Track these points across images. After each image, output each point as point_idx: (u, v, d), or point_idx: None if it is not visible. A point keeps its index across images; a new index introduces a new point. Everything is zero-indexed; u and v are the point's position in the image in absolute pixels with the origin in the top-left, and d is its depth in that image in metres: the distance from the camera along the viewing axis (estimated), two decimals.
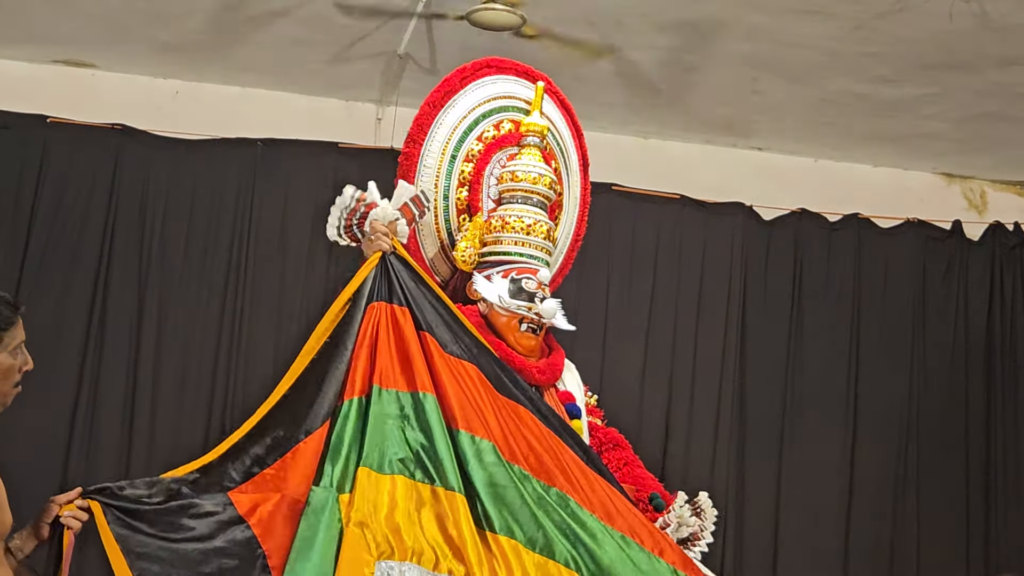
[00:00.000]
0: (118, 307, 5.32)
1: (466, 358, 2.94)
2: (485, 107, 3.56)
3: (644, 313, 5.83)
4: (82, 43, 5.30)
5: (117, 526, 2.54)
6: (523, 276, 3.29)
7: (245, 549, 2.62)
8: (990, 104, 5.38)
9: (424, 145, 3.48)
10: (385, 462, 2.77)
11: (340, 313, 2.93)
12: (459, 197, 3.50)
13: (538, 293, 3.28)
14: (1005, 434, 6.01)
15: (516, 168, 3.41)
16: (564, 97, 3.80)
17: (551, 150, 3.58)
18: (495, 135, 3.53)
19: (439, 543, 2.70)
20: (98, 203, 5.36)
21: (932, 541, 5.86)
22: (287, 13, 4.87)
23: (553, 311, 3.28)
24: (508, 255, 3.34)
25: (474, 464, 2.81)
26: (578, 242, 3.81)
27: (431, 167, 3.48)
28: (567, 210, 3.70)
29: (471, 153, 3.50)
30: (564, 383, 3.40)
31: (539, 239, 3.36)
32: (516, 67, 3.67)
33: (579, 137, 3.80)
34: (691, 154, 6.06)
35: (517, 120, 3.55)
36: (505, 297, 3.25)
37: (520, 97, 3.60)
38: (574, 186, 3.74)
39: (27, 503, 2.84)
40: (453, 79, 3.56)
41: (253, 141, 5.57)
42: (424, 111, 3.51)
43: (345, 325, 2.90)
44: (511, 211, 3.37)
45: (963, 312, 6.11)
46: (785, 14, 4.65)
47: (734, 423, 5.82)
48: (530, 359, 3.28)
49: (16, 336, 2.49)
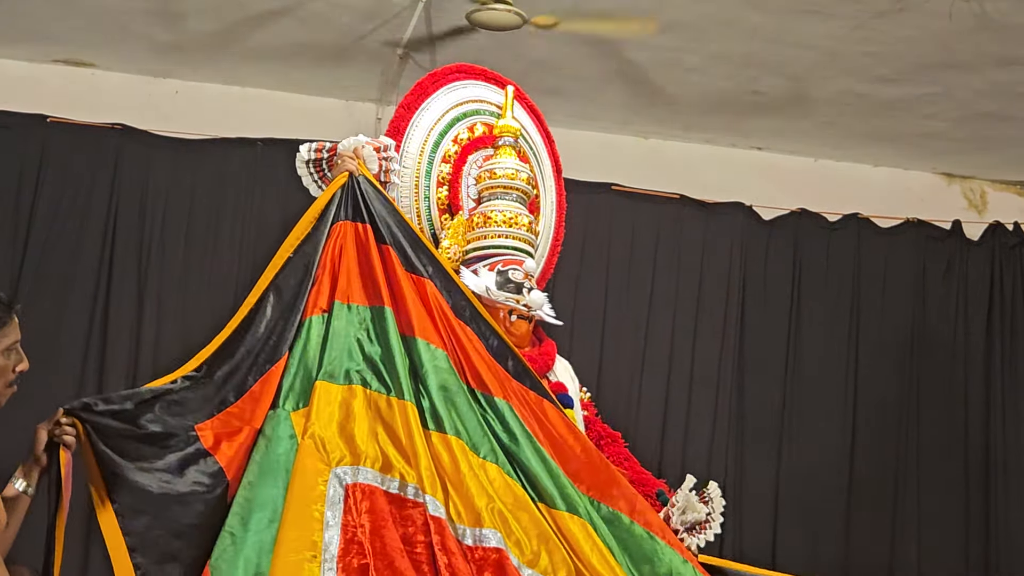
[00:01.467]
0: (118, 307, 5.31)
1: (424, 275, 3.05)
2: (457, 111, 3.66)
3: (643, 313, 5.83)
4: (82, 43, 5.29)
5: (99, 443, 2.61)
6: (509, 267, 3.34)
7: (214, 480, 2.70)
8: (990, 104, 5.38)
9: (402, 147, 3.55)
10: (341, 373, 2.88)
11: (305, 231, 3.02)
12: (439, 197, 3.56)
13: (525, 283, 3.32)
14: (1005, 434, 6.00)
15: (494, 166, 3.48)
16: (533, 103, 3.90)
17: (524, 153, 3.66)
18: (469, 137, 3.63)
19: (391, 450, 2.80)
20: (98, 203, 5.36)
21: (932, 540, 5.86)
22: (287, 13, 4.87)
23: (541, 301, 3.35)
24: (493, 248, 3.39)
25: (429, 368, 2.93)
26: (558, 245, 3.86)
27: (410, 167, 3.54)
28: (544, 214, 3.74)
29: (447, 154, 3.59)
30: (556, 375, 3.42)
31: (522, 231, 3.42)
32: (484, 73, 3.77)
33: (551, 143, 3.90)
34: (691, 154, 6.06)
35: (489, 123, 3.63)
36: (493, 289, 3.29)
37: (490, 101, 3.71)
38: (549, 191, 3.81)
39: None
40: (426, 82, 3.67)
41: (253, 141, 5.57)
42: (399, 114, 3.62)
43: (310, 244, 3.00)
44: (492, 206, 3.44)
45: (963, 312, 6.11)
46: (785, 14, 4.65)
47: (733, 422, 5.82)
48: (522, 349, 3.30)
49: (10, 336, 2.49)
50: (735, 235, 5.98)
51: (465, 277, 3.33)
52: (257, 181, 5.53)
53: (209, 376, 2.81)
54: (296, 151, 3.44)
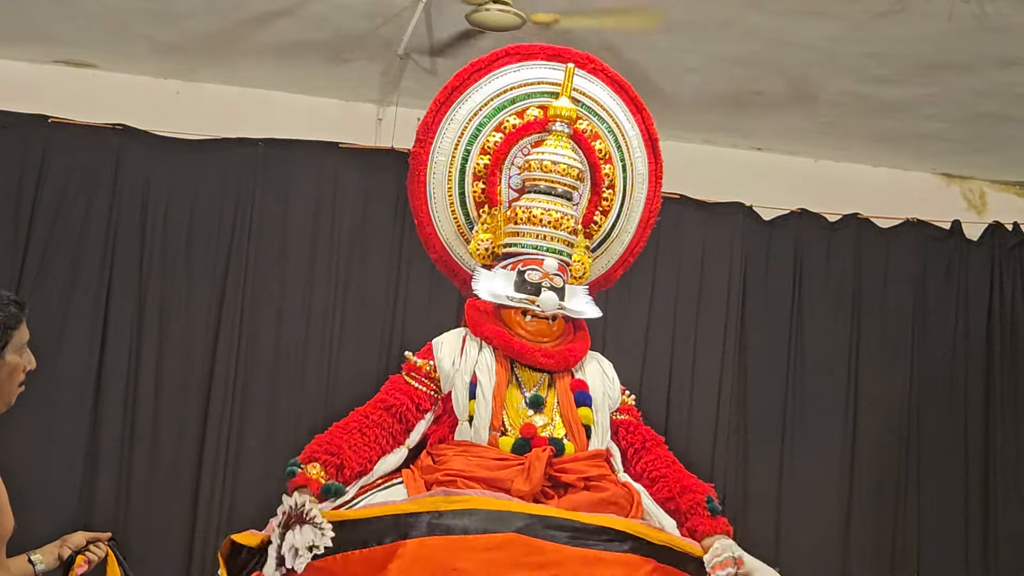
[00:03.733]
0: (119, 307, 5.32)
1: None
2: (505, 96, 3.42)
3: (644, 313, 5.83)
4: (83, 43, 5.30)
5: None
6: (528, 268, 3.23)
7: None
8: (990, 104, 5.38)
9: (434, 144, 3.38)
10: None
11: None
12: (475, 191, 3.41)
13: (544, 283, 3.24)
14: (1005, 433, 6.01)
15: (543, 157, 3.30)
16: (615, 74, 3.60)
17: (592, 132, 3.45)
18: (517, 123, 3.40)
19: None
20: (99, 203, 5.37)
21: (932, 540, 5.87)
22: (287, 13, 4.87)
23: (553, 303, 3.19)
24: (524, 247, 3.27)
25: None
26: (652, 218, 3.64)
27: (441, 163, 3.39)
28: (625, 189, 3.52)
29: (487, 145, 3.39)
30: (584, 373, 3.32)
31: (562, 232, 3.27)
32: (545, 50, 3.49)
33: (640, 112, 3.60)
34: (691, 154, 6.06)
35: (546, 105, 3.40)
36: (509, 292, 3.22)
37: (550, 81, 3.43)
38: (637, 162, 3.56)
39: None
40: (462, 75, 3.44)
41: (253, 141, 5.57)
42: (431, 109, 3.40)
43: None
44: (534, 202, 3.29)
45: (962, 312, 6.12)
46: (785, 14, 4.65)
47: (734, 423, 5.82)
48: (542, 343, 3.23)
49: (23, 335, 2.51)
50: (735, 235, 5.99)
51: (477, 283, 3.26)
52: (257, 181, 5.54)
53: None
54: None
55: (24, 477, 5.10)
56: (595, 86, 3.53)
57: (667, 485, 3.20)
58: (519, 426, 3.13)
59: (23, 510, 2.61)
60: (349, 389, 5.00)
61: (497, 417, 3.13)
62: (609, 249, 3.57)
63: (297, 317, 5.50)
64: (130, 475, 5.23)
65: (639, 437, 3.34)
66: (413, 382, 3.20)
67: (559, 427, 3.17)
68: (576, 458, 3.11)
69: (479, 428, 3.11)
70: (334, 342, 5.51)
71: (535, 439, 3.09)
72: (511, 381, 3.20)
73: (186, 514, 5.26)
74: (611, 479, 3.14)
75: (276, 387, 5.44)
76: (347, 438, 3.02)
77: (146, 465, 5.25)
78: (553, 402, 3.21)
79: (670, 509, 3.15)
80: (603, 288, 3.64)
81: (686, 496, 3.14)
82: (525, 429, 3.12)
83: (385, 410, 3.13)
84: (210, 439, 5.31)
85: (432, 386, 3.20)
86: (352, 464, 2.98)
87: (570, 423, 3.18)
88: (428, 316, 5.40)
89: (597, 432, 3.22)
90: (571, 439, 3.15)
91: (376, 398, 3.18)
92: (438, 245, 3.47)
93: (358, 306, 5.57)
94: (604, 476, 3.12)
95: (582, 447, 3.16)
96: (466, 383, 3.16)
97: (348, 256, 5.60)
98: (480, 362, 3.19)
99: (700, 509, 3.10)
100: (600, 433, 3.23)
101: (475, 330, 3.26)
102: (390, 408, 3.13)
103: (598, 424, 3.24)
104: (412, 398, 3.16)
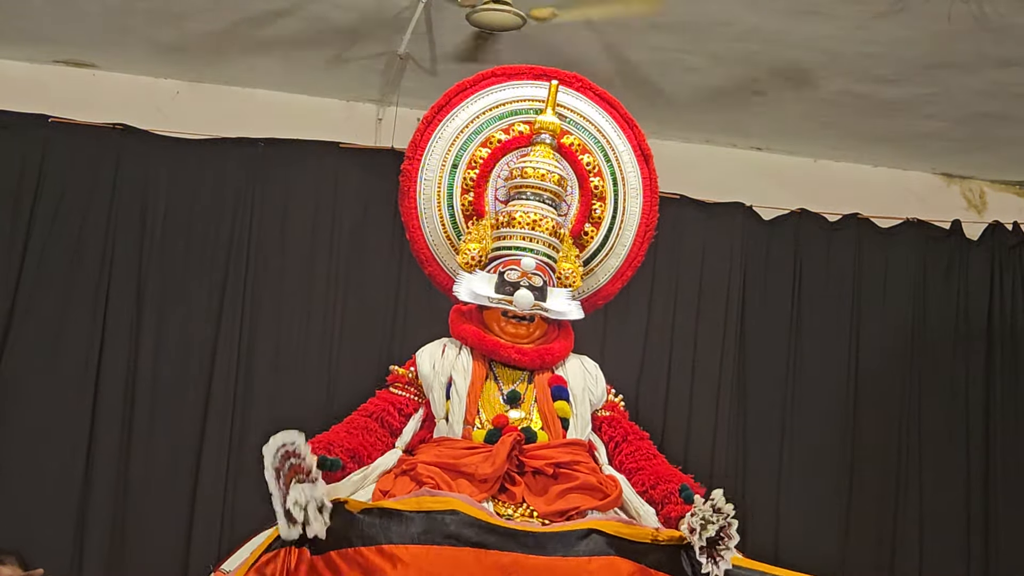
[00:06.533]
0: (118, 307, 5.31)
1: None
2: (492, 113, 3.52)
3: (643, 313, 5.83)
4: (83, 43, 5.30)
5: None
6: (508, 268, 3.28)
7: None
8: (990, 104, 5.38)
9: (422, 161, 3.47)
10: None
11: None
12: (464, 203, 3.51)
13: (522, 282, 3.29)
14: (1005, 433, 6.01)
15: (525, 165, 3.39)
16: (604, 92, 3.66)
17: (580, 145, 3.52)
18: (504, 138, 3.50)
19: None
20: (99, 203, 5.37)
21: (932, 539, 5.87)
22: (287, 13, 4.87)
23: (528, 301, 3.23)
24: (509, 249, 3.32)
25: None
26: (649, 232, 3.69)
27: (430, 180, 3.48)
28: (616, 202, 3.58)
29: (474, 159, 3.49)
30: (565, 370, 3.34)
31: (543, 234, 3.33)
32: (532, 70, 3.58)
33: (631, 128, 3.65)
34: (691, 154, 6.06)
35: (531, 121, 3.49)
36: (491, 292, 3.26)
37: (538, 99, 3.52)
38: (630, 176, 3.63)
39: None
40: (449, 94, 3.54)
41: (254, 141, 5.57)
42: (419, 128, 3.52)
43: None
44: (518, 206, 3.36)
45: (963, 312, 6.12)
46: (785, 14, 4.65)
47: (733, 423, 5.82)
48: (520, 344, 3.27)
49: None
50: (735, 235, 5.99)
51: (459, 287, 3.31)
52: (258, 181, 5.54)
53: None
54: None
55: (20, 477, 5.13)
56: (582, 103, 3.60)
57: (643, 477, 3.23)
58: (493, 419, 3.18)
59: (22, 510, 2.62)
60: (349, 389, 4.98)
61: (471, 413, 3.17)
62: (605, 262, 3.60)
63: (297, 317, 5.50)
64: (128, 475, 5.23)
65: (620, 431, 3.36)
66: (396, 390, 3.28)
67: (536, 421, 3.19)
68: (547, 445, 3.13)
69: (454, 424, 3.16)
70: (334, 342, 5.51)
71: (506, 428, 3.12)
72: (489, 378, 3.25)
73: (185, 514, 5.26)
74: (587, 466, 3.14)
75: (276, 387, 5.43)
76: (335, 437, 3.08)
77: (143, 463, 5.25)
78: (531, 398, 3.25)
79: (647, 500, 3.18)
80: (605, 303, 3.68)
81: (659, 487, 3.16)
82: (497, 419, 3.15)
83: (368, 416, 3.20)
84: (210, 439, 5.31)
85: (414, 391, 3.27)
86: (343, 455, 3.02)
87: (546, 416, 3.20)
88: (428, 316, 5.35)
89: (576, 425, 3.24)
90: (547, 431, 3.17)
91: (359, 408, 3.25)
92: (431, 261, 3.53)
93: (358, 306, 5.57)
94: (578, 462, 3.12)
95: (557, 438, 3.18)
96: (443, 384, 3.22)
97: (348, 256, 5.60)
98: (457, 364, 3.25)
99: (673, 498, 3.11)
100: (580, 426, 3.25)
101: (453, 331, 3.32)
102: (372, 414, 3.21)
103: (577, 417, 3.26)
104: (394, 404, 3.24)
